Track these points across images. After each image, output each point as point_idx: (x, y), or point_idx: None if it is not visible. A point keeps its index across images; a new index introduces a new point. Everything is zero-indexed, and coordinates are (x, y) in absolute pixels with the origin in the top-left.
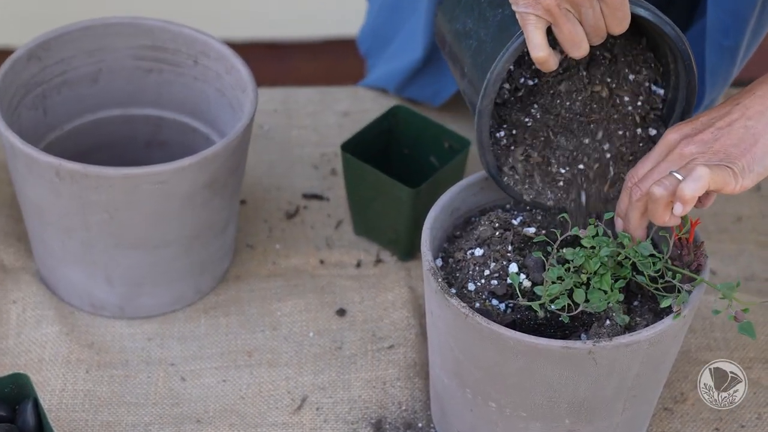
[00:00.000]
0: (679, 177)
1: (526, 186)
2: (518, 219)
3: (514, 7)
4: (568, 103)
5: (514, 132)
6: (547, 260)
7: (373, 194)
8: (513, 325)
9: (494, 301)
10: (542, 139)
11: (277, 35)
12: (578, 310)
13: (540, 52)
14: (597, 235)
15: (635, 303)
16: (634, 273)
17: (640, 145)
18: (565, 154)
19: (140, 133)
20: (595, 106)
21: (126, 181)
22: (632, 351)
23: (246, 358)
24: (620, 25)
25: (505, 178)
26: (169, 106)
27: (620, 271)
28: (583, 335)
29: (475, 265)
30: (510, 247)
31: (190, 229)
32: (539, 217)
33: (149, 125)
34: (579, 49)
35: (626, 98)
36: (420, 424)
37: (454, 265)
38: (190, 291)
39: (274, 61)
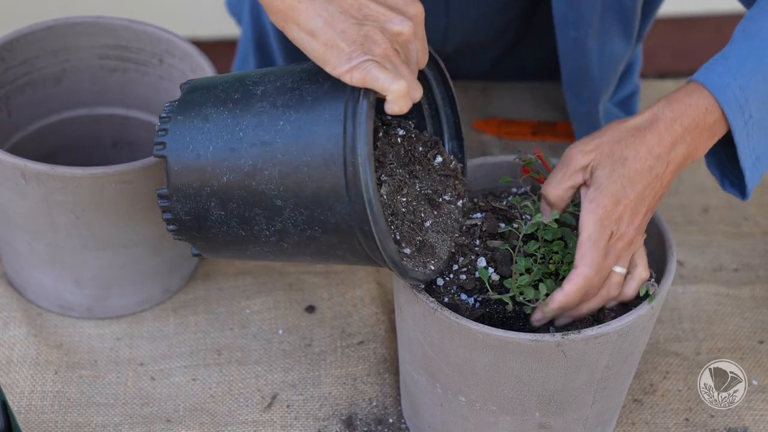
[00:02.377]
0: (623, 270)
1: (422, 260)
2: (481, 214)
3: (351, 69)
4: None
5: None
6: (514, 252)
7: None
8: (482, 319)
9: (463, 296)
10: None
11: None
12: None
13: (399, 85)
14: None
15: None
16: None
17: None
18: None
19: (106, 133)
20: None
21: (92, 181)
22: (601, 343)
23: (215, 357)
24: (425, 55)
25: (405, 260)
26: (134, 105)
27: None
28: (551, 328)
29: None
30: (477, 241)
31: (157, 229)
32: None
33: (115, 125)
34: (420, 91)
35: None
36: (391, 420)
37: None
38: (158, 290)
39: None
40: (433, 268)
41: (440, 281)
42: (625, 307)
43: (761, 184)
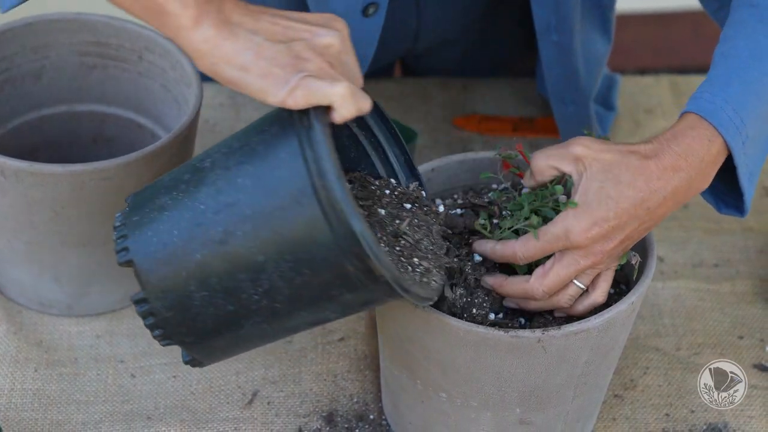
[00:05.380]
0: (582, 286)
1: (422, 278)
2: (459, 210)
3: (290, 90)
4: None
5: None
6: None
7: None
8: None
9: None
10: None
11: None
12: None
13: (339, 87)
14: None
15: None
16: None
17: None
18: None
19: (85, 130)
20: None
21: (72, 178)
22: (582, 339)
23: None
24: (358, 70)
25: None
26: (114, 102)
27: None
28: (522, 318)
29: None
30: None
31: None
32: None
33: (94, 122)
34: (367, 100)
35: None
36: (372, 416)
37: None
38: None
39: None
40: (435, 285)
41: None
42: (605, 303)
43: None
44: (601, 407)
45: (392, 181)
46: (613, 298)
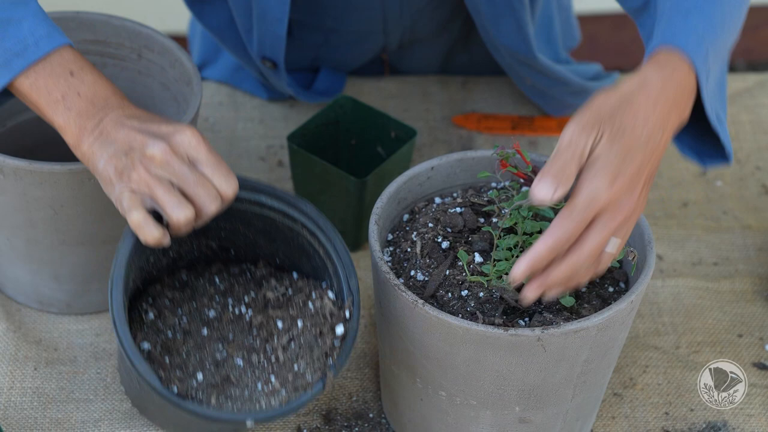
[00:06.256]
0: (617, 242)
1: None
2: (458, 209)
3: (117, 202)
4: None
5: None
6: (494, 241)
7: (320, 185)
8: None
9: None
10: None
11: None
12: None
13: (134, 215)
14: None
15: (583, 289)
16: None
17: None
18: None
19: None
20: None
21: (71, 177)
22: (581, 337)
23: None
24: (229, 182)
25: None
26: None
27: None
28: (521, 321)
29: None
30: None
31: None
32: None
33: None
34: (180, 208)
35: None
36: (371, 415)
37: (401, 255)
38: None
39: None
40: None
41: (419, 276)
42: (604, 301)
43: (739, 178)
44: (600, 406)
45: (296, 283)
46: (612, 297)
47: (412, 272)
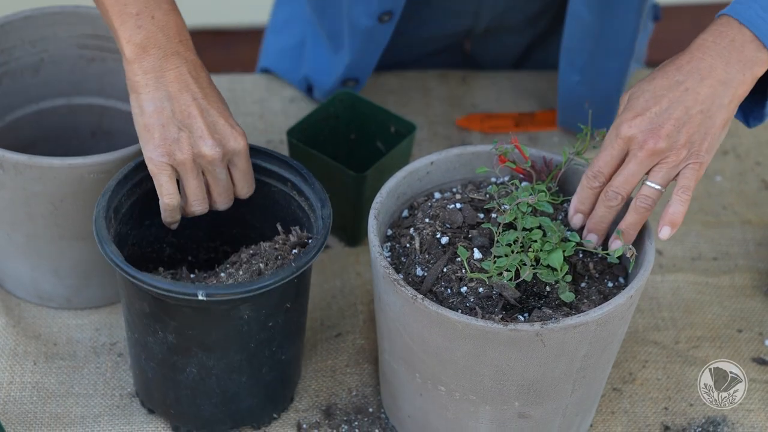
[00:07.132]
0: (658, 188)
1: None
2: (458, 204)
3: (148, 159)
4: None
5: None
6: (494, 237)
7: (320, 180)
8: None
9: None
10: None
11: (223, 22)
12: (522, 277)
13: (173, 200)
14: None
15: (582, 285)
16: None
17: None
18: None
19: (84, 123)
20: None
21: (71, 172)
22: (580, 332)
23: None
24: (249, 189)
25: None
26: (112, 95)
27: (563, 246)
28: (520, 316)
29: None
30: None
31: None
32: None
33: (93, 115)
34: (201, 205)
35: None
36: (370, 409)
37: (400, 250)
38: None
39: (219, 48)
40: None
41: (419, 271)
42: (604, 296)
43: (738, 173)
44: (600, 401)
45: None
46: (611, 292)
47: (412, 268)
